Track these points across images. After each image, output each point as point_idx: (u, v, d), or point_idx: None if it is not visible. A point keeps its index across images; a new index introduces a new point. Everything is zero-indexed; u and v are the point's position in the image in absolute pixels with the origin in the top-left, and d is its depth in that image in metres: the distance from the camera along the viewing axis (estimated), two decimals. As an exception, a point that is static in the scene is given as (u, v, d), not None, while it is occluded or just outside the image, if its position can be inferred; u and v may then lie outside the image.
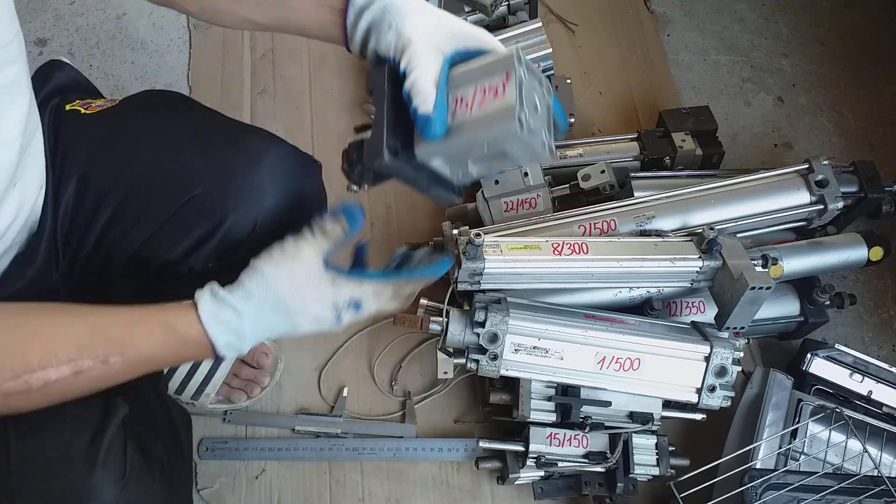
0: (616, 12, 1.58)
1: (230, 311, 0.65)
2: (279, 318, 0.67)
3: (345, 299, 0.68)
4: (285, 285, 0.66)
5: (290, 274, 0.66)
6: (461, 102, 0.63)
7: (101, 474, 0.65)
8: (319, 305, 0.67)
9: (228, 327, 0.65)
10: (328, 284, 0.67)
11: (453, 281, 0.93)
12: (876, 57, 1.57)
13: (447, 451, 1.10)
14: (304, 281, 0.67)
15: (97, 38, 1.49)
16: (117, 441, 0.68)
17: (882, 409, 1.08)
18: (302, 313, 0.67)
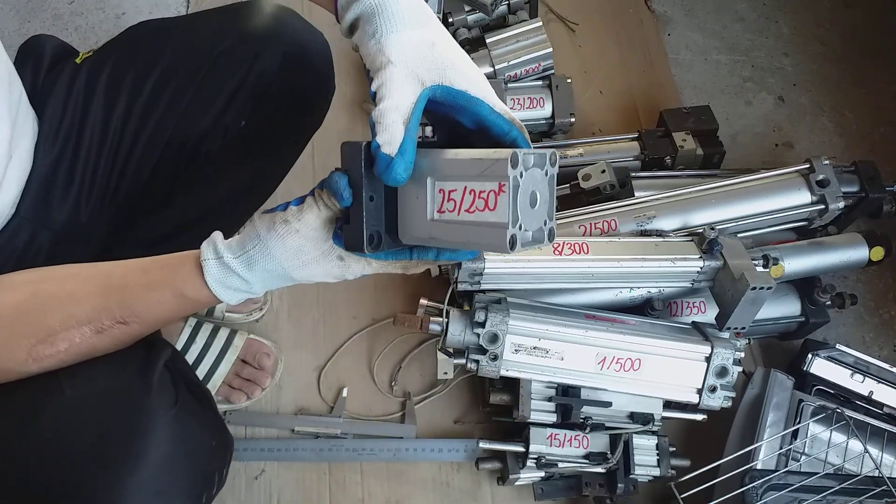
0: (616, 12, 1.58)
1: (236, 279, 0.63)
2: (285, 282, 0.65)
3: (354, 275, 0.64)
4: (291, 261, 0.62)
5: (296, 250, 0.61)
6: (447, 199, 0.56)
7: (156, 400, 0.66)
8: (327, 277, 0.64)
9: (239, 292, 0.65)
10: (336, 261, 0.62)
11: (453, 281, 0.93)
12: (877, 56, 1.57)
13: (447, 451, 1.10)
14: (311, 258, 0.62)
15: (96, 37, 1.49)
16: (166, 375, 0.69)
17: (883, 409, 1.08)
18: (309, 280, 0.64)
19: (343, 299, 1.23)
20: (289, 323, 1.21)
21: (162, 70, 0.86)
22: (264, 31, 0.86)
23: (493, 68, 1.30)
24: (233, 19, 0.88)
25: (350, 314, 1.22)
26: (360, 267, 0.62)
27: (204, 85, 0.86)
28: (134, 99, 0.86)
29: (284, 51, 0.85)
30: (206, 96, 0.86)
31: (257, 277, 0.63)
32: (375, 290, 1.24)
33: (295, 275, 0.63)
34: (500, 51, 1.30)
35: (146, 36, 0.90)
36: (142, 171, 0.89)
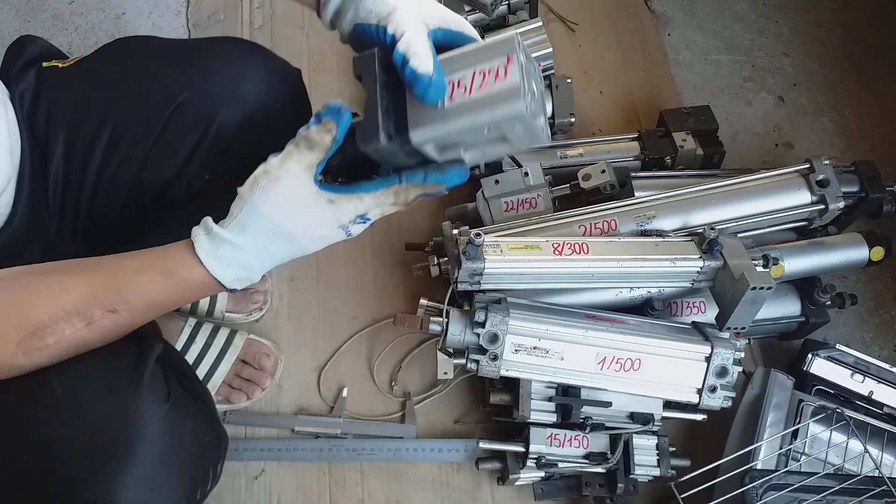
0: (616, 12, 1.58)
1: (229, 248, 0.63)
2: (283, 246, 0.65)
3: (349, 217, 0.64)
4: (280, 212, 0.62)
5: (283, 199, 0.62)
6: (458, 86, 0.61)
7: (147, 397, 0.66)
8: (324, 227, 0.64)
9: (232, 263, 0.64)
10: (326, 205, 0.63)
11: (453, 281, 0.93)
12: (877, 56, 1.57)
13: (447, 451, 1.10)
14: (300, 205, 0.62)
15: (96, 37, 1.49)
16: (157, 370, 0.69)
17: (883, 409, 1.08)
18: (306, 236, 0.65)
19: (343, 299, 1.23)
20: (289, 323, 1.21)
21: (121, 116, 0.81)
22: (225, 82, 0.80)
23: (493, 68, 1.30)
24: (194, 65, 0.82)
25: (350, 314, 1.22)
26: (351, 206, 0.63)
27: (162, 137, 0.81)
28: (94, 144, 0.82)
29: (244, 109, 0.80)
30: (166, 147, 0.82)
31: (250, 242, 0.63)
32: (375, 290, 1.24)
33: (288, 228, 0.63)
34: (500, 51, 1.30)
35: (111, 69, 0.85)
36: (109, 210, 0.85)
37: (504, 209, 1.13)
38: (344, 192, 0.64)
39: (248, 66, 0.82)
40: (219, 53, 0.82)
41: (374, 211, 0.66)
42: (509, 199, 1.13)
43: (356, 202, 0.64)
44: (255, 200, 0.62)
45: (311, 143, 0.63)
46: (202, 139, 0.81)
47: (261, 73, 0.82)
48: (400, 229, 1.30)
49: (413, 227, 1.30)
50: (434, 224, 1.28)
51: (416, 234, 1.27)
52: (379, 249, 1.28)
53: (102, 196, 0.84)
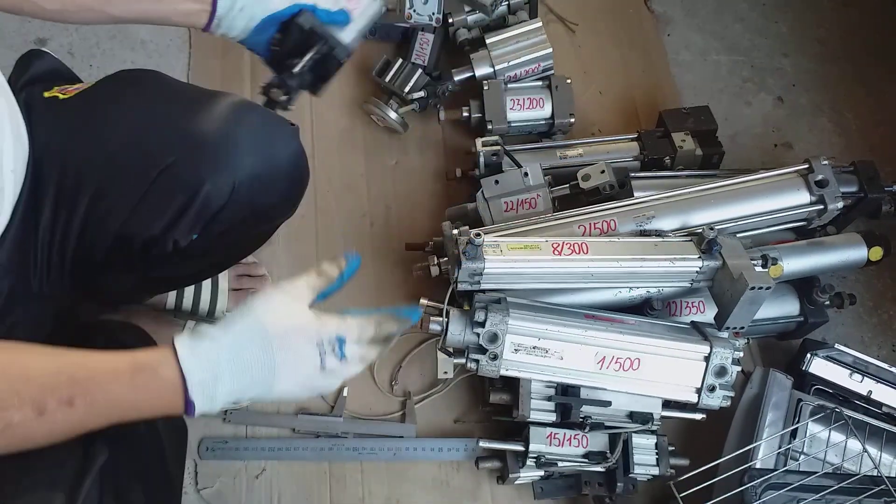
0: (616, 12, 1.58)
1: (207, 342, 0.62)
2: (260, 354, 0.63)
3: (328, 335, 0.66)
4: (270, 315, 0.65)
5: (277, 304, 0.66)
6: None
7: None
8: (303, 339, 0.65)
9: (203, 359, 0.61)
10: (313, 318, 0.67)
11: (453, 281, 0.93)
12: (876, 57, 1.57)
13: (447, 450, 1.10)
14: (289, 311, 0.66)
15: (97, 38, 1.49)
16: (94, 493, 0.65)
17: (882, 408, 1.08)
18: (284, 348, 0.64)
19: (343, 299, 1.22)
20: (289, 323, 1.21)
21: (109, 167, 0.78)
22: (214, 151, 0.76)
23: (493, 69, 1.31)
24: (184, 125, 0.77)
25: (350, 314, 1.22)
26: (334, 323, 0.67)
27: (149, 196, 0.77)
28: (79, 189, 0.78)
29: (236, 176, 0.76)
30: (151, 208, 0.78)
31: (229, 340, 0.63)
32: (376, 290, 1.24)
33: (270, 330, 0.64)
34: (500, 51, 1.31)
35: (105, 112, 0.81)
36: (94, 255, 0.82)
37: (504, 209, 1.13)
38: (332, 313, 0.68)
39: (242, 135, 0.77)
40: (210, 115, 0.78)
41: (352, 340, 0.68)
42: (509, 199, 1.13)
43: (338, 322, 0.67)
44: (254, 303, 0.66)
45: (321, 272, 0.71)
46: (188, 205, 0.77)
47: (254, 141, 0.78)
48: (400, 229, 1.30)
49: (413, 227, 1.30)
50: (434, 224, 1.28)
51: (416, 234, 1.27)
52: (379, 249, 1.28)
53: (89, 241, 0.81)
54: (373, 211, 1.32)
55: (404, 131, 1.37)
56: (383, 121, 1.35)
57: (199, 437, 1.09)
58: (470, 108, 1.31)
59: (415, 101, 1.30)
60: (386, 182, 1.35)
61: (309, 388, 0.67)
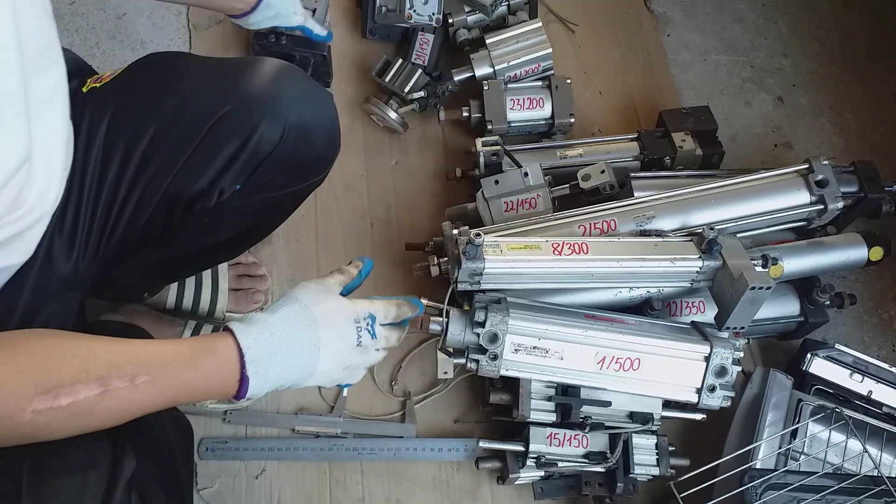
0: (616, 12, 1.58)
1: (259, 325, 0.68)
2: (306, 333, 0.70)
3: (363, 313, 0.74)
4: (309, 297, 0.72)
5: (315, 293, 0.73)
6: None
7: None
8: (342, 318, 0.73)
9: (259, 338, 0.67)
10: (347, 301, 0.75)
11: (453, 281, 0.93)
12: (876, 57, 1.57)
13: (447, 451, 1.10)
14: (327, 297, 0.73)
15: (97, 38, 1.49)
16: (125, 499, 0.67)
17: (882, 409, 1.08)
18: (327, 326, 0.71)
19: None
20: (289, 323, 1.21)
21: (160, 125, 0.83)
22: (267, 99, 0.82)
23: (492, 69, 1.31)
24: (236, 80, 0.84)
25: (350, 314, 1.22)
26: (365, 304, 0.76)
27: (201, 147, 0.83)
28: (131, 151, 0.83)
29: (287, 122, 0.82)
30: (202, 158, 0.83)
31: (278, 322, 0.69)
32: (375, 290, 1.24)
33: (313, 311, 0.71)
34: (500, 51, 1.31)
35: (149, 82, 0.86)
36: (136, 221, 0.86)
37: (504, 209, 1.13)
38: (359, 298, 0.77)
39: (291, 87, 0.85)
40: (260, 71, 0.84)
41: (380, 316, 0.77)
42: (509, 199, 1.13)
43: (367, 303, 0.76)
44: (294, 292, 0.73)
45: (344, 272, 0.79)
46: (240, 151, 0.82)
47: (302, 94, 0.85)
48: (400, 230, 1.30)
49: (413, 228, 1.30)
50: (434, 224, 1.28)
51: (416, 234, 1.27)
52: (379, 249, 1.28)
53: (132, 207, 0.85)
54: (373, 211, 1.32)
55: (404, 131, 1.37)
56: (383, 121, 1.35)
57: (199, 437, 1.09)
58: (470, 108, 1.31)
59: (415, 101, 1.30)
60: (386, 182, 1.35)
61: (346, 366, 0.74)
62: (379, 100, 1.33)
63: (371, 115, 1.36)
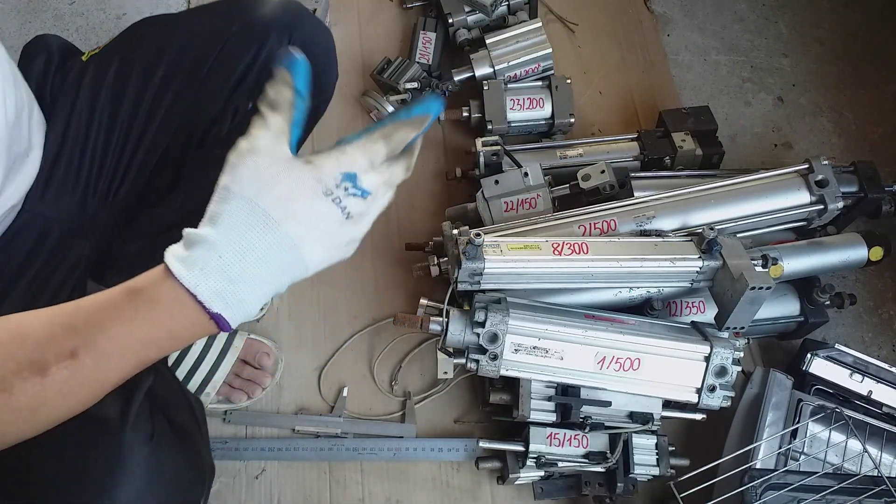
0: (616, 12, 1.58)
1: (203, 247, 0.52)
2: (265, 234, 0.52)
3: (333, 177, 0.53)
4: (251, 186, 0.52)
5: (253, 171, 0.52)
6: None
7: (132, 436, 0.66)
8: (306, 196, 0.53)
9: (208, 267, 0.51)
10: (303, 167, 0.53)
11: (453, 281, 0.93)
12: (876, 57, 1.57)
13: (447, 451, 1.10)
14: (272, 172, 0.52)
15: (97, 38, 1.49)
16: (145, 406, 0.69)
17: (882, 409, 1.08)
18: (291, 217, 0.53)
19: (343, 299, 1.23)
20: (289, 323, 1.21)
21: (169, 62, 0.88)
22: (272, 15, 0.87)
23: (492, 69, 1.31)
24: (239, 7, 0.89)
25: (350, 314, 1.22)
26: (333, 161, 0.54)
27: (212, 72, 0.87)
28: (142, 94, 0.87)
29: (292, 35, 0.87)
30: (214, 82, 0.88)
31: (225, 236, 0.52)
32: (375, 290, 1.24)
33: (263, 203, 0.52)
34: (500, 51, 1.31)
35: (152, 30, 0.92)
36: (149, 161, 0.90)
37: (504, 209, 1.13)
38: (323, 151, 0.55)
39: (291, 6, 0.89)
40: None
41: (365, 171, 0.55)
42: (509, 199, 1.13)
43: (337, 156, 0.54)
44: (224, 181, 0.53)
45: (272, 103, 0.55)
46: (250, 67, 0.86)
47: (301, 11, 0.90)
48: (400, 229, 1.30)
49: (413, 227, 1.30)
50: (434, 224, 1.28)
51: (416, 234, 1.27)
52: (379, 249, 1.28)
53: (145, 147, 0.89)
54: (373, 211, 1.32)
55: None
56: (380, 115, 1.35)
57: (199, 437, 1.09)
58: (470, 108, 1.31)
59: (408, 92, 1.30)
60: (386, 182, 1.35)
61: (346, 243, 0.58)
62: (376, 93, 1.33)
63: (370, 112, 1.36)
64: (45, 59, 0.89)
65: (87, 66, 0.89)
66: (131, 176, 0.91)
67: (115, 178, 0.90)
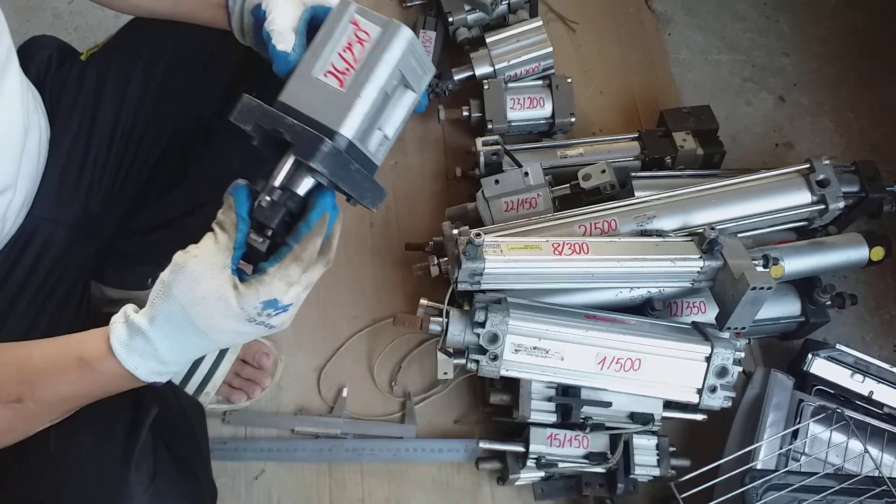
0: (617, 11, 1.58)
1: (141, 339, 0.58)
2: (194, 338, 0.59)
3: (254, 306, 0.57)
4: (186, 296, 0.57)
5: (192, 281, 0.57)
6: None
7: (134, 475, 0.66)
8: (233, 323, 0.58)
9: (146, 355, 0.58)
10: (232, 292, 0.57)
11: (453, 281, 0.93)
12: (877, 56, 1.57)
13: (447, 451, 1.10)
14: (205, 289, 0.57)
15: (96, 37, 1.49)
16: (148, 442, 0.69)
17: (883, 409, 1.08)
18: (216, 331, 0.58)
19: (343, 300, 1.23)
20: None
21: (171, 55, 0.87)
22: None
23: (493, 68, 1.30)
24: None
25: (350, 314, 1.22)
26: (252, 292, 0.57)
27: (215, 60, 0.87)
28: (145, 88, 0.87)
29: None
30: (218, 71, 0.87)
31: (160, 333, 0.58)
32: (375, 290, 1.24)
33: (193, 316, 0.57)
34: (501, 50, 1.30)
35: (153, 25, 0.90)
36: (151, 158, 0.90)
37: (504, 209, 1.13)
38: (249, 279, 0.58)
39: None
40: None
41: (283, 293, 0.58)
42: (509, 199, 1.13)
43: (256, 286, 0.57)
44: (170, 281, 0.57)
45: (220, 224, 0.59)
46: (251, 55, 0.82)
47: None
48: (400, 229, 1.30)
49: (413, 228, 1.30)
50: (434, 224, 1.28)
51: (416, 234, 1.27)
52: (379, 249, 1.28)
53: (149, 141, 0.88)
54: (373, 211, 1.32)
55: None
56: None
57: (199, 437, 1.09)
58: (470, 108, 1.31)
59: None
60: (386, 182, 1.34)
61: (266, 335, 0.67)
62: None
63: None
64: (45, 59, 0.88)
65: (87, 65, 0.89)
66: (134, 173, 0.90)
67: (118, 177, 0.90)
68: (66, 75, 0.88)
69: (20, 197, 0.81)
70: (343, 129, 0.58)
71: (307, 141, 0.56)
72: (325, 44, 0.60)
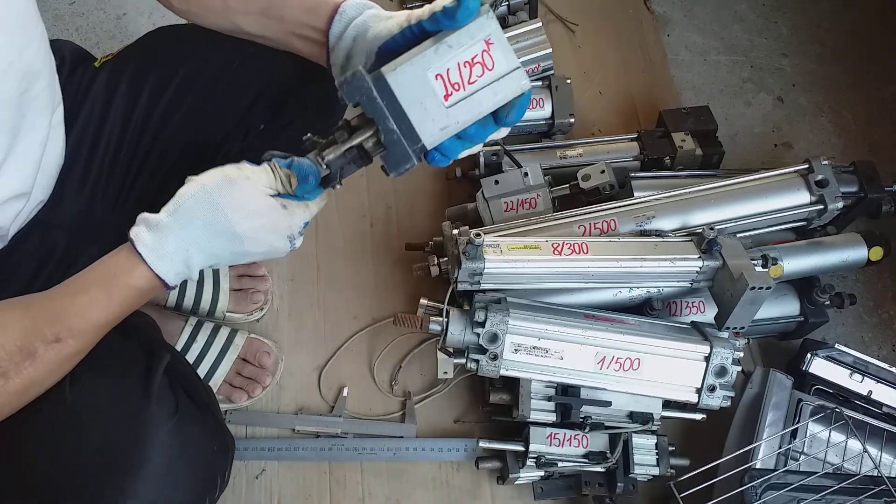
0: (616, 12, 1.58)
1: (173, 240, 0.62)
2: (227, 244, 0.63)
3: (299, 225, 0.67)
4: (236, 211, 0.62)
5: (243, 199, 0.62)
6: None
7: (156, 410, 0.67)
8: (275, 236, 0.65)
9: (175, 257, 0.62)
10: (280, 211, 0.65)
11: (453, 281, 0.93)
12: (876, 57, 1.57)
13: (447, 451, 1.10)
14: (256, 208, 0.63)
15: (97, 38, 1.49)
16: (165, 382, 0.69)
17: (882, 408, 1.08)
18: (255, 243, 0.64)
19: (343, 299, 1.23)
20: (289, 323, 1.21)
21: (184, 76, 0.87)
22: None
23: (492, 69, 1.30)
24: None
25: (350, 314, 1.22)
26: (301, 212, 0.66)
27: (225, 92, 0.86)
28: (156, 100, 0.87)
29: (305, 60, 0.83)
30: (227, 102, 0.87)
31: (196, 235, 0.61)
32: (375, 290, 1.24)
33: (239, 229, 0.62)
34: (500, 51, 1.31)
35: (168, 41, 0.91)
36: (160, 168, 0.90)
37: (504, 209, 1.13)
38: (293, 200, 0.66)
39: None
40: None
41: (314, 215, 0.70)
42: (509, 199, 1.13)
43: (303, 209, 0.67)
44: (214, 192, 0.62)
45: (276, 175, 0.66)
46: (263, 91, 0.86)
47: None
48: (400, 229, 1.30)
49: (413, 228, 1.30)
50: (434, 224, 1.28)
51: (416, 234, 1.27)
52: (379, 249, 1.28)
53: (156, 154, 0.88)
54: (373, 211, 1.32)
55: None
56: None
57: (199, 437, 1.09)
58: (470, 108, 1.31)
59: None
60: (386, 182, 1.35)
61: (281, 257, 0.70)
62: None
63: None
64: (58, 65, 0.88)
65: (98, 72, 0.88)
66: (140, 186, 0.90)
67: (123, 187, 0.90)
68: (78, 80, 0.88)
69: (32, 203, 0.81)
70: (429, 143, 0.63)
71: (399, 155, 0.62)
72: (451, 45, 0.59)
